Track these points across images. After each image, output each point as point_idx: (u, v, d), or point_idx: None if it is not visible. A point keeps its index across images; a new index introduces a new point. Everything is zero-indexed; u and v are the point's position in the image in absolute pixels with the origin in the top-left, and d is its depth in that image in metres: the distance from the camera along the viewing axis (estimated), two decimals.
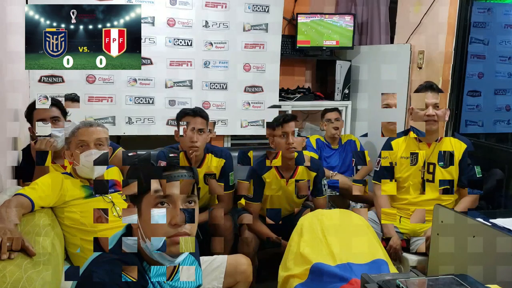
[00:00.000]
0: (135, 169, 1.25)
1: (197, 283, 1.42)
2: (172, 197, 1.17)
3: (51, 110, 2.31)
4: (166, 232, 1.16)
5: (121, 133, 3.47)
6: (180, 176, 1.19)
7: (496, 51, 3.40)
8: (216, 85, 3.62)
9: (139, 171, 1.21)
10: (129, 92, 3.44)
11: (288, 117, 2.51)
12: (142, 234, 1.19)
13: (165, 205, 1.17)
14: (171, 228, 1.16)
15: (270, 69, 3.72)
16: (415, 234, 2.47)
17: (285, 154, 2.49)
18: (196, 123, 2.44)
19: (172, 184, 1.18)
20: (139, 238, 1.21)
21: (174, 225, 1.16)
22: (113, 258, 1.17)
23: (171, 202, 1.18)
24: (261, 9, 3.66)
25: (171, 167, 1.20)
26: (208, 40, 3.55)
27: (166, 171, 1.19)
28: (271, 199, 2.63)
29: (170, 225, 1.16)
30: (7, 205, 1.65)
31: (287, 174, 2.59)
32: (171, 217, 1.16)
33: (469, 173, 2.41)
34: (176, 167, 1.20)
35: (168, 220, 1.16)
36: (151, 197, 1.17)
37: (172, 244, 1.16)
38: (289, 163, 2.55)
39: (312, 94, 4.03)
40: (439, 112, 2.39)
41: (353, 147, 3.52)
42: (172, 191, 1.17)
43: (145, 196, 1.18)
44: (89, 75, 3.33)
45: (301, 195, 2.64)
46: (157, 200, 1.17)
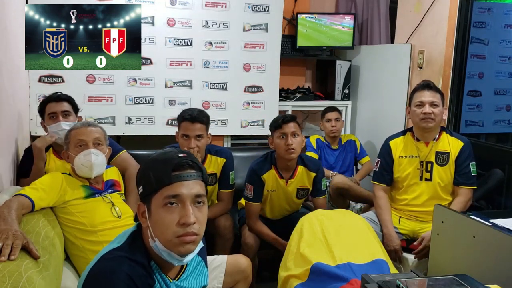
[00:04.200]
0: (145, 169, 1.25)
1: (203, 283, 1.42)
2: (181, 196, 1.18)
3: (63, 105, 2.38)
4: (175, 231, 1.17)
5: (121, 133, 3.47)
6: (189, 176, 1.20)
7: (496, 51, 3.39)
8: (216, 85, 3.62)
9: (149, 171, 1.21)
10: (129, 92, 3.44)
11: (288, 118, 2.48)
12: (151, 233, 1.20)
13: (174, 205, 1.18)
14: (179, 228, 1.17)
15: (270, 69, 3.72)
16: (414, 234, 2.47)
17: (284, 155, 2.47)
18: (195, 130, 2.41)
19: (182, 184, 1.18)
20: (148, 237, 1.21)
21: (182, 225, 1.17)
22: (121, 255, 1.17)
23: (180, 202, 1.18)
24: (261, 9, 3.66)
25: (180, 167, 1.20)
26: (208, 40, 3.55)
27: (175, 171, 1.19)
28: (271, 199, 2.62)
29: (179, 224, 1.17)
30: (9, 205, 1.65)
31: (286, 175, 2.58)
32: (180, 217, 1.17)
33: (464, 170, 2.41)
34: (185, 167, 1.20)
35: (177, 219, 1.17)
36: (161, 196, 1.18)
37: (181, 243, 1.17)
38: (288, 164, 2.54)
39: (312, 94, 4.03)
40: (436, 110, 2.39)
41: (353, 147, 3.52)
42: (181, 191, 1.18)
43: (155, 195, 1.19)
44: (89, 75, 3.33)
45: (300, 195, 2.64)
46: (166, 200, 1.17)
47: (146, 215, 1.22)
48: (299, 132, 2.48)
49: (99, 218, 1.93)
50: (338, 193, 3.06)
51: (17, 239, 1.44)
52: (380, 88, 3.71)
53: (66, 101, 2.40)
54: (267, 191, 2.58)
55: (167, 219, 1.17)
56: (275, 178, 2.57)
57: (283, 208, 2.68)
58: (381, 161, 2.59)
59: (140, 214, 1.24)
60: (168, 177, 1.18)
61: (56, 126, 2.34)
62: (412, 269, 1.77)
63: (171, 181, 1.18)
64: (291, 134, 2.44)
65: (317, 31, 3.96)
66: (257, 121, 3.73)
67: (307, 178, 2.60)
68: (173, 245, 1.18)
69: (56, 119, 2.35)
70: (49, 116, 2.37)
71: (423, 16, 3.15)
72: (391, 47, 3.61)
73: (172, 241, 1.17)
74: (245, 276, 1.97)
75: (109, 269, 1.14)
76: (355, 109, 4.00)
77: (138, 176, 1.27)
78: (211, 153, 2.63)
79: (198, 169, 1.23)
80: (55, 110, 2.36)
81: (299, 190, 2.60)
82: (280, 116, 2.54)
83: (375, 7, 3.92)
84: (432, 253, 1.96)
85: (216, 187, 2.69)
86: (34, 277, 1.39)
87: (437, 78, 3.01)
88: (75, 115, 2.42)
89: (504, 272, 1.53)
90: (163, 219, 1.17)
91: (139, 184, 1.25)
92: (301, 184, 2.60)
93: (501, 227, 1.66)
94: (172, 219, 1.17)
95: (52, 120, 2.36)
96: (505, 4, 3.56)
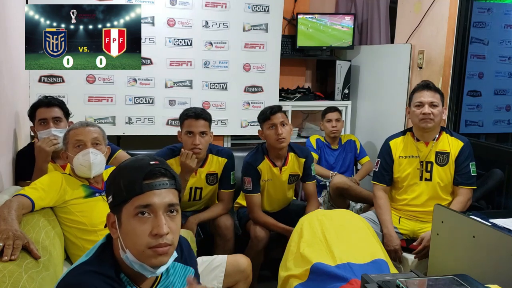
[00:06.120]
0: (115, 177, 1.18)
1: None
2: (153, 206, 1.12)
3: (54, 111, 2.30)
4: (148, 242, 1.11)
5: (121, 133, 3.47)
6: (162, 184, 1.14)
7: (496, 51, 3.39)
8: (216, 85, 3.62)
9: (119, 179, 1.15)
10: (129, 92, 3.44)
11: (275, 109, 2.59)
12: (122, 244, 1.14)
13: (146, 215, 1.12)
14: (152, 238, 1.11)
15: (270, 69, 3.72)
16: (414, 234, 2.47)
17: (275, 144, 2.57)
18: (198, 126, 2.45)
19: (154, 193, 1.12)
20: (119, 248, 1.15)
21: (155, 236, 1.11)
22: (88, 270, 1.12)
23: (152, 211, 1.12)
24: (261, 9, 3.66)
25: (152, 175, 1.14)
26: (208, 40, 3.55)
27: (147, 179, 1.13)
28: (267, 190, 2.71)
29: (151, 235, 1.11)
30: (9, 205, 1.65)
31: (279, 163, 2.68)
32: (152, 227, 1.11)
33: (463, 170, 2.42)
34: (157, 175, 1.14)
35: (149, 230, 1.11)
36: (131, 206, 1.12)
37: (153, 255, 1.12)
38: (280, 153, 2.64)
39: (312, 94, 4.03)
40: (436, 110, 2.39)
41: (353, 147, 3.52)
42: (153, 200, 1.12)
43: (125, 205, 1.13)
44: (89, 75, 3.33)
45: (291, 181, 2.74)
46: (137, 210, 1.12)
47: (116, 225, 1.15)
48: (287, 121, 2.61)
49: (99, 217, 1.92)
50: (338, 193, 3.06)
51: (17, 239, 1.44)
52: (380, 88, 3.71)
53: (57, 106, 2.31)
54: (264, 181, 2.67)
55: (139, 230, 1.11)
56: (269, 167, 2.66)
57: (279, 197, 2.77)
58: (381, 161, 2.59)
59: (110, 224, 1.17)
60: (140, 186, 1.12)
61: (47, 132, 2.24)
62: (412, 269, 1.77)
63: (142, 190, 1.12)
64: (280, 124, 2.55)
65: (317, 31, 3.96)
66: (257, 121, 3.73)
67: (298, 164, 2.72)
68: (146, 256, 1.12)
69: (47, 126, 2.26)
70: (39, 122, 2.28)
71: (423, 16, 3.15)
72: (391, 47, 3.61)
73: (144, 253, 1.12)
74: (245, 276, 1.97)
75: (76, 284, 1.10)
76: (355, 109, 4.00)
77: (107, 185, 1.21)
78: (212, 153, 2.64)
79: (171, 176, 1.17)
80: (46, 116, 2.27)
81: (291, 176, 2.72)
82: (267, 108, 2.64)
83: (375, 7, 3.92)
84: (432, 253, 1.96)
85: (217, 187, 2.69)
86: (34, 277, 1.39)
87: (437, 78, 3.01)
88: (66, 121, 2.34)
89: (504, 272, 1.54)
90: (135, 230, 1.12)
91: (108, 194, 1.18)
92: (293, 170, 2.71)
93: (501, 227, 1.67)
94: (144, 230, 1.11)
95: (42, 126, 2.27)
96: (505, 4, 3.56)
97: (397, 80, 3.44)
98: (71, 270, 1.15)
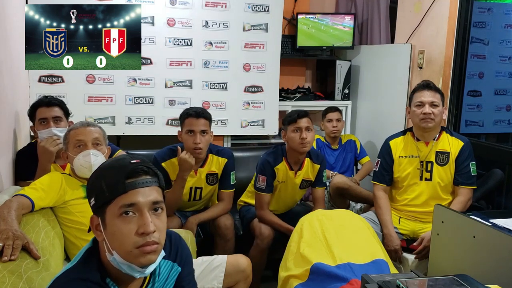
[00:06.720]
0: (95, 179, 1.16)
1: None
2: (138, 205, 1.11)
3: (54, 110, 2.31)
4: (135, 242, 1.09)
5: (121, 133, 3.47)
6: (145, 182, 1.13)
7: (496, 51, 3.39)
8: (216, 85, 3.62)
9: (101, 180, 1.14)
10: (129, 92, 3.44)
11: (302, 113, 2.62)
12: (108, 246, 1.12)
13: (131, 214, 1.10)
14: (139, 237, 1.10)
15: (270, 69, 3.72)
16: (414, 234, 2.47)
17: (298, 148, 2.58)
18: (199, 125, 2.46)
19: (137, 191, 1.11)
20: (105, 251, 1.13)
21: (142, 234, 1.10)
22: (73, 278, 1.10)
23: (137, 210, 1.11)
24: (261, 9, 3.66)
25: (134, 173, 1.12)
26: (208, 40, 3.55)
27: (129, 178, 1.11)
28: (279, 191, 2.71)
29: (138, 234, 1.10)
30: (9, 205, 1.64)
31: (295, 167, 2.69)
32: (138, 226, 1.10)
33: (464, 170, 2.42)
34: (140, 173, 1.13)
35: (135, 229, 1.10)
36: (115, 206, 1.10)
37: (141, 254, 1.10)
38: (299, 157, 2.65)
39: (312, 94, 4.03)
40: (436, 110, 2.39)
41: (353, 147, 3.52)
42: (137, 199, 1.11)
43: (109, 206, 1.11)
44: (89, 75, 3.33)
45: (303, 186, 2.74)
46: (122, 209, 1.10)
47: (100, 228, 1.13)
48: (312, 127, 2.63)
49: None
50: (338, 193, 3.06)
51: (17, 239, 1.44)
52: (380, 88, 3.70)
53: (57, 106, 2.32)
54: (278, 182, 2.68)
55: (125, 230, 1.09)
56: (286, 170, 2.68)
57: (288, 199, 2.78)
58: (381, 161, 2.59)
59: (94, 227, 1.15)
60: (122, 185, 1.10)
61: (47, 132, 2.26)
62: (412, 269, 1.77)
63: (125, 189, 1.10)
64: (305, 128, 2.57)
65: (317, 31, 3.96)
66: (257, 121, 3.74)
67: (312, 170, 2.73)
68: (133, 256, 1.10)
69: (47, 125, 2.27)
70: (39, 121, 2.29)
71: (423, 16, 3.15)
72: (391, 47, 3.61)
73: (132, 253, 1.10)
74: (245, 276, 1.97)
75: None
76: (355, 109, 4.00)
77: (88, 187, 1.19)
78: (212, 153, 2.64)
79: (154, 174, 1.15)
80: (46, 115, 2.28)
81: (303, 181, 2.73)
82: (294, 111, 2.68)
83: (375, 7, 3.92)
84: (432, 253, 1.96)
85: (217, 187, 2.69)
86: (34, 277, 1.39)
87: (437, 78, 3.01)
88: (66, 120, 2.35)
89: (504, 272, 1.53)
90: (121, 230, 1.10)
91: (90, 196, 1.16)
92: (306, 175, 2.72)
93: (501, 227, 1.67)
94: (130, 229, 1.09)
95: (42, 126, 2.28)
96: (505, 4, 3.56)
97: (397, 80, 3.44)
98: (56, 278, 1.13)
